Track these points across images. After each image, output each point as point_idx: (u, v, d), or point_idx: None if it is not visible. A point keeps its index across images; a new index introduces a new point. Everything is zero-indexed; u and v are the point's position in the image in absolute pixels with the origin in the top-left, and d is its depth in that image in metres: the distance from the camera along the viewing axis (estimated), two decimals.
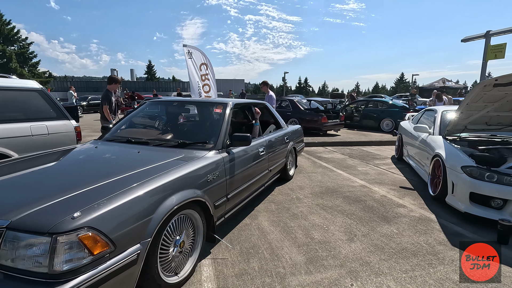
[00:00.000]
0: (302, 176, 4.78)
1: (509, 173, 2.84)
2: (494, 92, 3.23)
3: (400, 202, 3.58)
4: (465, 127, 3.75)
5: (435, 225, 2.95)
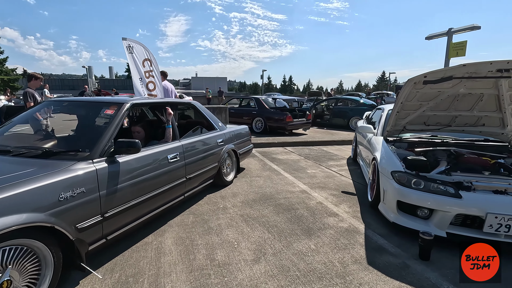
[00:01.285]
0: (243, 181, 4.43)
1: (438, 179, 2.58)
2: (427, 90, 2.98)
3: (333, 211, 3.28)
4: (404, 128, 3.50)
5: (360, 238, 2.66)
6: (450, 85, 2.88)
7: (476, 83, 2.81)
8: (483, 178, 2.55)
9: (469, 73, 2.61)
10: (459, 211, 2.37)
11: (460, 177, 2.58)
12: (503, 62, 2.44)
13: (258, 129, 9.60)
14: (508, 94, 2.85)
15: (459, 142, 3.41)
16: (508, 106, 2.96)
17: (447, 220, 2.41)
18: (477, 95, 2.97)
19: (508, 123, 3.14)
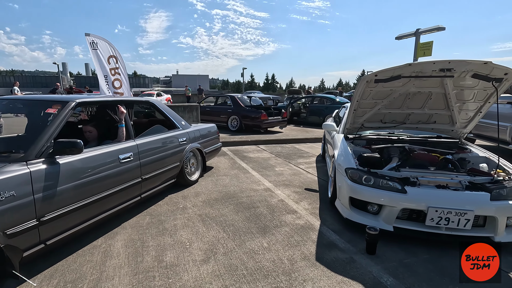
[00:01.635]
0: (209, 180, 4.38)
1: (387, 175, 2.66)
2: (380, 89, 3.05)
3: (293, 208, 3.31)
4: (362, 125, 3.58)
5: (313, 234, 2.69)
6: (400, 84, 2.96)
7: (424, 82, 2.91)
8: (429, 173, 2.65)
9: (415, 72, 2.70)
10: (404, 206, 2.45)
11: (407, 172, 2.67)
12: (444, 62, 2.54)
13: (233, 127, 9.56)
14: (453, 93, 2.98)
15: (414, 139, 3.54)
16: (455, 104, 3.10)
17: (393, 215, 2.49)
18: (426, 93, 3.08)
19: (456, 121, 3.29)
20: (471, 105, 3.07)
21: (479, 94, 2.93)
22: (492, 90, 2.80)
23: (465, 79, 2.74)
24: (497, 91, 2.60)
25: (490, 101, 2.91)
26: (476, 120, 3.17)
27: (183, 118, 6.87)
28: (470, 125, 3.27)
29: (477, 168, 2.80)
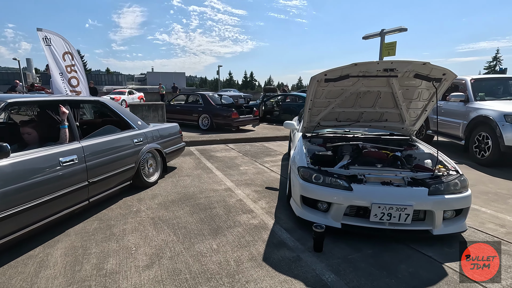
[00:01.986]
0: (170, 181, 4.28)
1: (337, 173, 2.70)
2: (331, 88, 3.11)
3: (250, 207, 3.31)
4: (319, 124, 3.64)
5: (265, 234, 2.70)
6: (350, 83, 3.03)
7: (372, 82, 3.00)
8: (375, 170, 2.73)
9: (362, 72, 2.77)
10: (350, 203, 2.51)
11: (356, 170, 2.73)
12: (387, 62, 2.62)
13: (204, 126, 9.43)
14: (400, 92, 3.09)
15: (368, 136, 3.64)
16: (402, 103, 3.22)
17: (341, 212, 2.54)
18: (375, 92, 3.18)
19: (405, 119, 3.42)
20: (417, 104, 3.21)
21: (423, 93, 3.06)
22: (434, 90, 2.93)
23: (409, 79, 2.85)
24: (436, 90, 2.73)
25: (434, 100, 3.05)
26: (422, 118, 3.32)
27: (147, 117, 6.68)
28: (418, 123, 3.41)
29: (422, 164, 2.93)
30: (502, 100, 5.81)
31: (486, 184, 4.24)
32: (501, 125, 4.92)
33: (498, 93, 6.34)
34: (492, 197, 3.72)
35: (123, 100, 19.18)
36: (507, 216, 3.15)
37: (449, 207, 2.46)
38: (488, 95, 6.16)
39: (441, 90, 2.88)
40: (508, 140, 4.81)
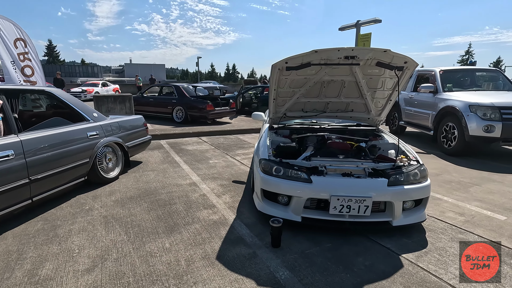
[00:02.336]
0: (133, 176, 4.06)
1: (299, 165, 2.60)
2: (294, 77, 2.99)
3: (212, 202, 3.17)
4: (285, 115, 3.53)
5: (223, 230, 2.57)
6: (313, 72, 2.92)
7: (336, 70, 2.91)
8: (337, 161, 2.66)
9: (324, 60, 2.66)
10: (310, 196, 2.42)
11: (317, 161, 2.65)
12: (348, 49, 2.53)
13: (179, 118, 9.13)
14: (364, 81, 3.02)
15: (335, 127, 3.57)
16: (367, 93, 3.16)
17: (301, 205, 2.45)
18: (339, 82, 3.10)
19: (371, 109, 3.38)
20: (381, 94, 3.16)
21: (387, 82, 3.01)
22: (396, 79, 2.88)
23: (372, 67, 2.78)
24: (398, 79, 2.67)
25: (397, 89, 3.00)
26: (387, 108, 3.28)
27: (113, 109, 6.34)
28: (384, 113, 3.37)
29: (384, 155, 2.89)
30: (469, 91, 5.94)
31: (451, 173, 4.32)
32: (466, 115, 5.02)
33: (466, 84, 6.50)
34: (455, 186, 3.78)
35: (96, 92, 18.34)
36: (467, 204, 3.19)
37: (408, 198, 2.43)
38: (456, 86, 6.30)
39: (404, 79, 2.83)
40: (473, 130, 4.92)
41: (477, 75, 6.86)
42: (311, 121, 3.74)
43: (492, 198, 3.36)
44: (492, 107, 4.81)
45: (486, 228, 2.64)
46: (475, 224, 2.72)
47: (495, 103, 4.82)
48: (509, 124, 4.64)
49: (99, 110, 6.07)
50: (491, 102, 4.86)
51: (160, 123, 9.02)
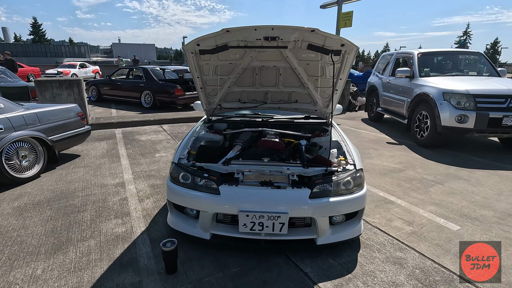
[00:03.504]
0: (59, 173, 3.60)
1: (215, 170, 2.16)
2: (217, 62, 2.49)
3: (129, 209, 2.75)
4: (220, 106, 3.05)
5: (120, 249, 2.16)
6: (238, 56, 2.42)
7: (264, 55, 2.41)
8: (259, 166, 2.22)
9: (242, 41, 2.16)
10: (216, 210, 2.00)
11: (236, 166, 2.21)
12: (267, 28, 2.02)
13: (147, 104, 8.57)
14: (300, 68, 2.54)
15: (279, 120, 3.11)
16: (308, 81, 2.68)
17: (208, 221, 2.04)
18: (273, 68, 2.61)
19: (317, 100, 2.91)
20: (325, 82, 2.68)
21: (330, 69, 2.52)
22: (339, 65, 2.39)
23: (305, 51, 2.28)
24: (334, 65, 2.18)
25: (342, 78, 2.52)
26: (336, 99, 2.80)
27: (60, 96, 5.76)
28: (333, 104, 2.89)
29: (322, 156, 2.45)
30: (447, 76, 5.46)
31: (415, 169, 3.93)
32: (439, 103, 4.57)
33: (447, 68, 6.01)
34: (415, 185, 3.39)
35: (73, 74, 17.43)
36: (421, 209, 2.81)
37: (335, 212, 2.02)
38: (434, 70, 5.80)
39: (346, 65, 2.35)
40: (445, 120, 4.49)
41: (460, 58, 6.35)
42: (254, 114, 3.26)
43: (451, 201, 2.99)
44: (466, 94, 4.36)
45: (432, 242, 2.27)
46: (421, 237, 2.34)
47: (470, 90, 4.36)
48: (483, 114, 4.22)
49: (42, 97, 5.50)
50: (466, 89, 4.40)
51: (128, 108, 8.47)
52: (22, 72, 15.97)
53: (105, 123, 6.21)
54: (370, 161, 4.22)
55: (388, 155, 4.52)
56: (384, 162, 4.21)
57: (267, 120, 3.10)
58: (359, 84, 11.80)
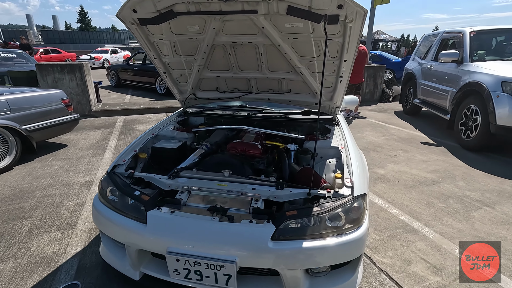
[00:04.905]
0: (32, 166, 3.30)
1: (157, 184, 1.59)
2: (172, 36, 1.85)
3: (77, 219, 2.29)
4: (195, 96, 2.43)
5: (35, 278, 1.69)
6: (198, 28, 1.76)
7: (232, 26, 1.71)
8: (215, 182, 1.58)
9: (192, 4, 1.48)
10: (139, 246, 1.43)
11: (183, 181, 1.60)
12: None
13: (162, 90, 8.25)
14: (286, 45, 1.80)
15: (269, 115, 2.42)
16: (300, 64, 1.93)
17: (134, 256, 1.48)
18: (250, 46, 1.90)
19: (315, 90, 2.16)
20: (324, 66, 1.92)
21: (329, 47, 1.76)
22: (340, 39, 1.63)
23: (288, 18, 1.55)
24: (326, 36, 1.43)
25: (347, 59, 1.76)
26: (341, 89, 2.04)
27: (62, 81, 5.52)
28: (337, 96, 2.13)
29: (312, 170, 1.74)
30: (508, 60, 4.27)
31: (455, 181, 3.02)
32: (495, 96, 3.52)
33: (507, 50, 4.74)
34: (453, 206, 2.54)
35: (105, 59, 17.90)
36: (455, 247, 2.01)
37: (309, 264, 1.34)
38: (492, 53, 4.60)
39: (351, 40, 1.58)
40: (502, 118, 3.45)
41: None
42: (241, 106, 2.60)
43: (505, 236, 2.13)
44: None
45: None
46: None
47: None
48: None
49: (44, 81, 5.31)
50: None
51: (143, 95, 8.23)
52: (60, 57, 16.77)
53: (109, 110, 5.93)
54: (395, 167, 3.37)
55: (420, 160, 3.61)
56: (414, 169, 3.33)
57: (254, 114, 2.42)
58: (396, 72, 10.45)
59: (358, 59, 5.66)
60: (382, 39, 25.89)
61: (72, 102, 5.56)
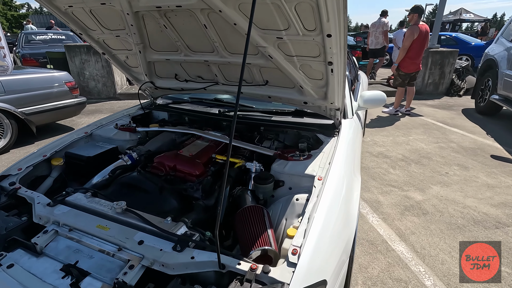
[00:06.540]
0: (28, 150, 3.23)
1: (39, 213, 1.14)
2: (84, 4, 1.31)
3: None
4: (154, 85, 1.89)
5: None
6: None
7: None
8: (96, 220, 1.05)
9: None
10: None
11: (59, 213, 1.11)
12: None
13: None
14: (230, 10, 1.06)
15: (246, 115, 1.76)
16: (263, 42, 1.18)
17: None
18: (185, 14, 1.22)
19: (301, 84, 1.40)
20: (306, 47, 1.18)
21: (300, 13, 1.02)
22: None
23: None
24: None
25: (332, 34, 1.01)
26: (335, 83, 1.28)
27: (88, 62, 5.52)
28: (333, 93, 1.37)
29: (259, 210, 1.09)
30: None
31: None
32: None
33: None
34: None
35: None
36: None
37: None
38: None
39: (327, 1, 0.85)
40: None
41: None
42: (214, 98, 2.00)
43: None
44: None
45: None
46: None
47: None
48: None
49: (72, 62, 5.37)
50: None
51: None
52: None
53: (134, 93, 5.83)
54: (441, 191, 2.42)
55: (484, 183, 2.57)
56: (471, 197, 2.35)
57: (227, 112, 1.80)
58: (476, 59, 8.48)
59: (418, 41, 4.46)
60: (466, 19, 21.74)
61: (98, 84, 5.62)
